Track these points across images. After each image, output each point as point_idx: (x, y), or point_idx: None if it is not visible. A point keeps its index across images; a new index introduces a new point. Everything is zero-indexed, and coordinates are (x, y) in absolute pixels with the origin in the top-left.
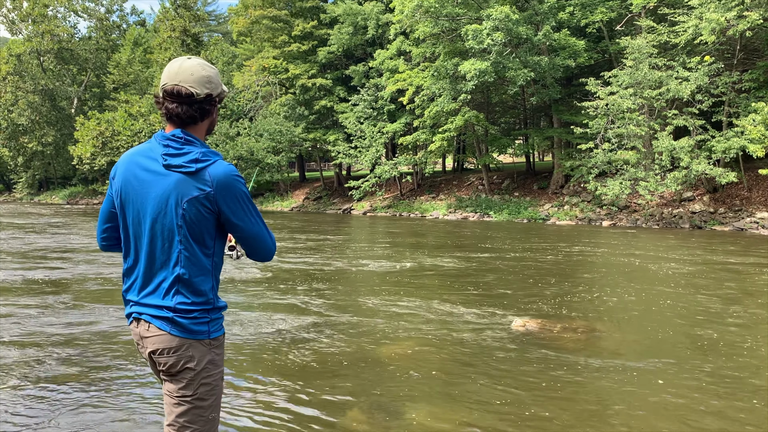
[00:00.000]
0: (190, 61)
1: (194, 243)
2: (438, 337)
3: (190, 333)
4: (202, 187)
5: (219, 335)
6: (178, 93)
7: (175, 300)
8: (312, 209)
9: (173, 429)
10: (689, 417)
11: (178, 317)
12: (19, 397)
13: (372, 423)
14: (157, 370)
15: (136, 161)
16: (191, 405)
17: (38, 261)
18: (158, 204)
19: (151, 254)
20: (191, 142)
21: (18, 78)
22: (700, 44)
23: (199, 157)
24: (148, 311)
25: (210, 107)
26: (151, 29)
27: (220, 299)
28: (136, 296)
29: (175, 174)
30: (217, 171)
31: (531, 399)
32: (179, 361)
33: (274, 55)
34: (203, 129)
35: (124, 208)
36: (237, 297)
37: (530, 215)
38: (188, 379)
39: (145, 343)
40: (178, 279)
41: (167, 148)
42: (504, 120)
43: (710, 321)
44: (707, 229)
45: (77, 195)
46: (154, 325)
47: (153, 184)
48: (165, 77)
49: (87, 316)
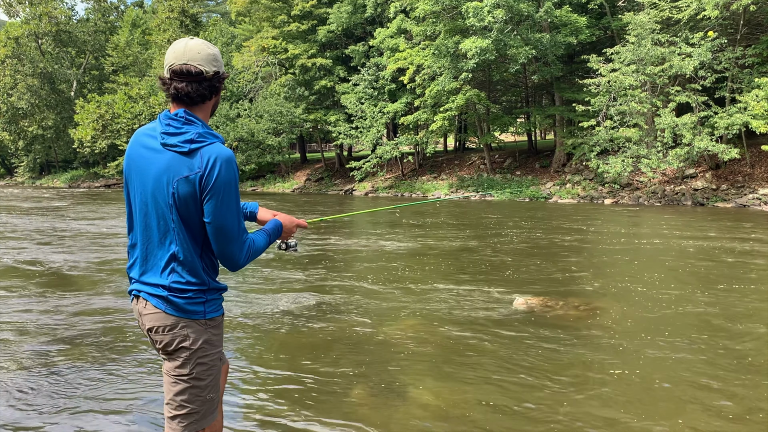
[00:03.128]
0: (194, 41)
1: (185, 223)
2: (440, 316)
3: (184, 312)
4: (192, 167)
5: (216, 316)
6: (188, 71)
7: (170, 278)
8: (314, 190)
9: (171, 407)
10: (693, 394)
11: (172, 296)
12: (23, 377)
13: (376, 402)
14: (156, 347)
15: (140, 140)
16: (188, 384)
17: (43, 244)
18: (155, 182)
19: (149, 232)
20: (191, 122)
21: (17, 61)
22: (704, 19)
23: (194, 137)
24: (146, 289)
25: (219, 84)
26: (149, 10)
27: (218, 281)
28: (137, 273)
29: (169, 153)
30: (211, 152)
31: (533, 377)
32: (174, 339)
33: (273, 35)
34: (208, 109)
35: (128, 185)
36: (239, 277)
37: (532, 194)
38: (184, 358)
39: (144, 320)
40: (173, 257)
41: (168, 127)
42: (505, 98)
43: (714, 298)
44: (710, 206)
45: (79, 178)
46: (150, 302)
47: (152, 162)
48: (171, 57)
49: (91, 298)
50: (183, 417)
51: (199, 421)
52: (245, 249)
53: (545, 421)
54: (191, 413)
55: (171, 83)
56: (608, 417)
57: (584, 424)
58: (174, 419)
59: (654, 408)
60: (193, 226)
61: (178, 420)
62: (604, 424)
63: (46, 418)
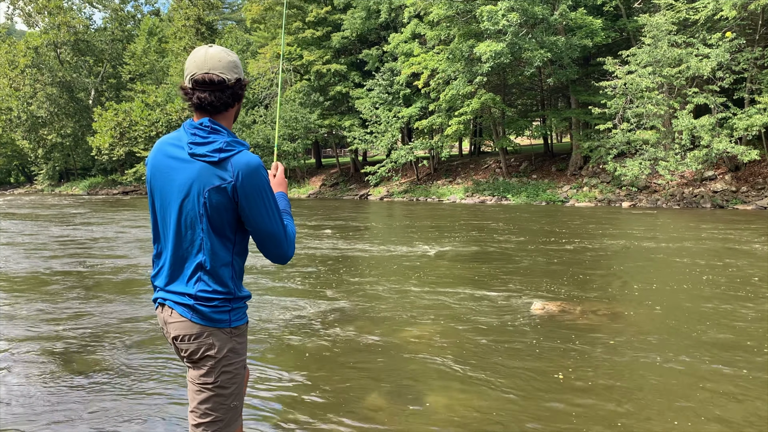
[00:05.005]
0: (214, 49)
1: (215, 232)
2: (456, 322)
3: (210, 321)
4: (223, 177)
5: (241, 324)
6: (210, 81)
7: (197, 287)
8: (329, 195)
9: (195, 415)
10: (712, 403)
11: (198, 305)
12: (45, 385)
13: (391, 409)
14: (180, 356)
15: (164, 149)
16: (212, 392)
17: (63, 250)
18: (182, 192)
19: (176, 241)
20: (218, 131)
21: (36, 70)
22: (721, 20)
23: (223, 146)
24: (172, 297)
25: (241, 92)
26: (165, 19)
27: (243, 289)
28: (162, 282)
29: (198, 163)
30: (240, 161)
31: (551, 384)
32: (200, 348)
33: (288, 42)
34: (231, 117)
35: (153, 195)
36: (256, 282)
37: (549, 197)
38: (209, 367)
39: (169, 328)
40: (199, 267)
41: (194, 137)
42: (521, 102)
43: (737, 304)
44: (729, 209)
45: (97, 185)
46: (176, 311)
47: (178, 172)
48: (192, 67)
49: (113, 304)
50: (207, 425)
51: (223, 429)
52: (292, 243)
53: (566, 429)
54: (215, 421)
55: (194, 93)
56: (627, 424)
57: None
58: (198, 427)
59: (672, 416)
60: (222, 235)
61: (203, 428)
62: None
63: (69, 425)
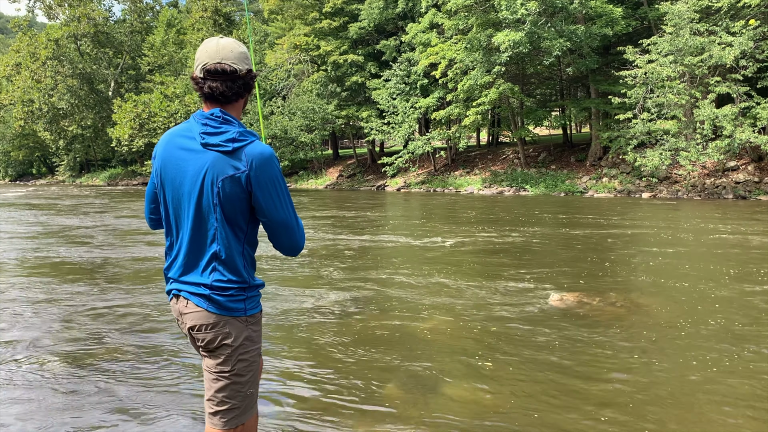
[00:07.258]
0: (225, 40)
1: (228, 222)
2: (474, 313)
3: (226, 310)
4: (237, 166)
5: (256, 312)
6: (223, 71)
7: (212, 277)
8: (346, 186)
9: (212, 404)
10: (737, 400)
11: (214, 294)
12: (62, 375)
13: (410, 397)
14: (196, 345)
15: (174, 141)
16: (229, 381)
17: (85, 240)
18: (195, 182)
19: (189, 232)
20: (229, 121)
21: (57, 62)
22: (744, 7)
23: (236, 136)
24: (187, 288)
25: (252, 82)
26: (183, 10)
27: (256, 278)
28: (176, 273)
29: (212, 152)
30: (254, 151)
31: (568, 375)
32: (216, 337)
33: (305, 33)
34: (240, 107)
35: (163, 187)
36: (272, 272)
37: (567, 188)
38: (226, 355)
39: (184, 319)
40: (214, 256)
41: (205, 127)
42: (540, 91)
43: (761, 296)
44: (752, 199)
45: (117, 176)
46: (192, 301)
47: (190, 162)
48: (204, 57)
49: (128, 294)
50: (224, 413)
51: (240, 416)
52: (303, 233)
53: (582, 421)
54: (232, 409)
55: (205, 82)
56: (641, 418)
57: (621, 425)
58: (216, 415)
59: (692, 413)
60: (235, 224)
61: (220, 416)
62: (639, 426)
63: (85, 414)
